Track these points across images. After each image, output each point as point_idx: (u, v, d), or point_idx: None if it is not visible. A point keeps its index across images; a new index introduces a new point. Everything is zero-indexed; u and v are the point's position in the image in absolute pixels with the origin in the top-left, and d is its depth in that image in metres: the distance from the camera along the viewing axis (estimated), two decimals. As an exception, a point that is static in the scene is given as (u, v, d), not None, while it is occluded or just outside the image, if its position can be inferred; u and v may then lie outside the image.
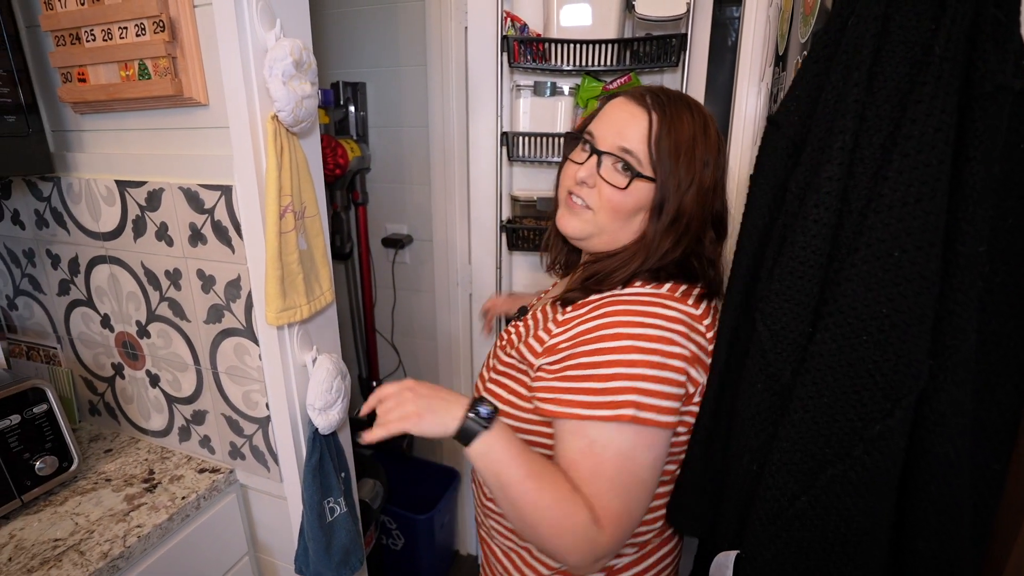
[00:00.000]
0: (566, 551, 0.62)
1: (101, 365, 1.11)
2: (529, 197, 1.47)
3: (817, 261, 0.57)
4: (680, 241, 0.69)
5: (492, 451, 0.62)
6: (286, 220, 0.78)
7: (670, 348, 0.64)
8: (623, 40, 1.27)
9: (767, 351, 0.60)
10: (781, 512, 0.61)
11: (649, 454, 0.64)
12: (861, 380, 0.55)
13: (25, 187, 1.03)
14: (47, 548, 0.84)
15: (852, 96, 0.54)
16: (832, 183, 0.55)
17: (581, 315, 0.67)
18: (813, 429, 0.58)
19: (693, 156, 0.67)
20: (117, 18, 0.78)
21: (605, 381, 0.62)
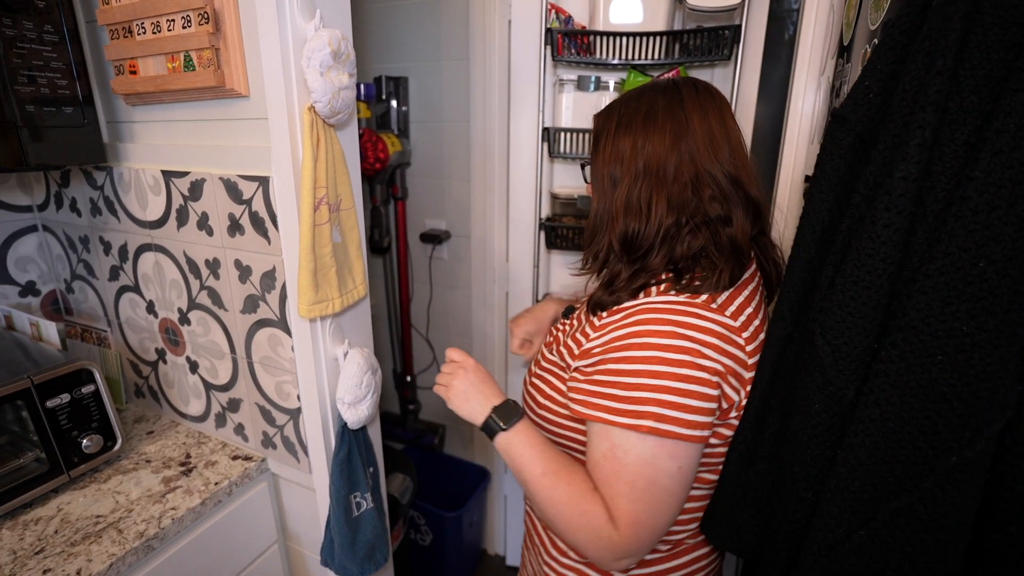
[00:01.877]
0: (582, 546, 0.66)
1: (146, 349, 1.15)
2: (569, 195, 1.43)
3: (886, 270, 0.51)
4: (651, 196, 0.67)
5: (510, 448, 0.70)
6: (320, 212, 0.77)
7: (700, 361, 0.62)
8: (672, 32, 1.21)
9: (827, 368, 0.55)
10: (837, 545, 0.56)
11: (671, 463, 0.63)
12: (934, 405, 0.49)
13: (82, 176, 1.07)
14: (89, 523, 0.86)
15: (934, 87, 0.48)
16: (907, 184, 0.49)
17: (615, 321, 0.66)
18: (876, 456, 0.52)
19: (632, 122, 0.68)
20: (166, 10, 0.79)
21: (628, 390, 0.62)
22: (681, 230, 0.67)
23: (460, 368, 0.76)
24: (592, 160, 0.73)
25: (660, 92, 0.70)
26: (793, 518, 0.61)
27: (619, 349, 0.64)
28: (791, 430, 0.60)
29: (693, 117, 0.67)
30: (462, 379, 0.76)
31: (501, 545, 1.99)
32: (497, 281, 1.69)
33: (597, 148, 0.72)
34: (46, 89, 0.85)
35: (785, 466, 0.62)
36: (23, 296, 1.19)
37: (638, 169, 0.68)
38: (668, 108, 0.68)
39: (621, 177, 0.69)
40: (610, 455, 0.64)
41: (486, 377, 0.78)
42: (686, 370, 0.61)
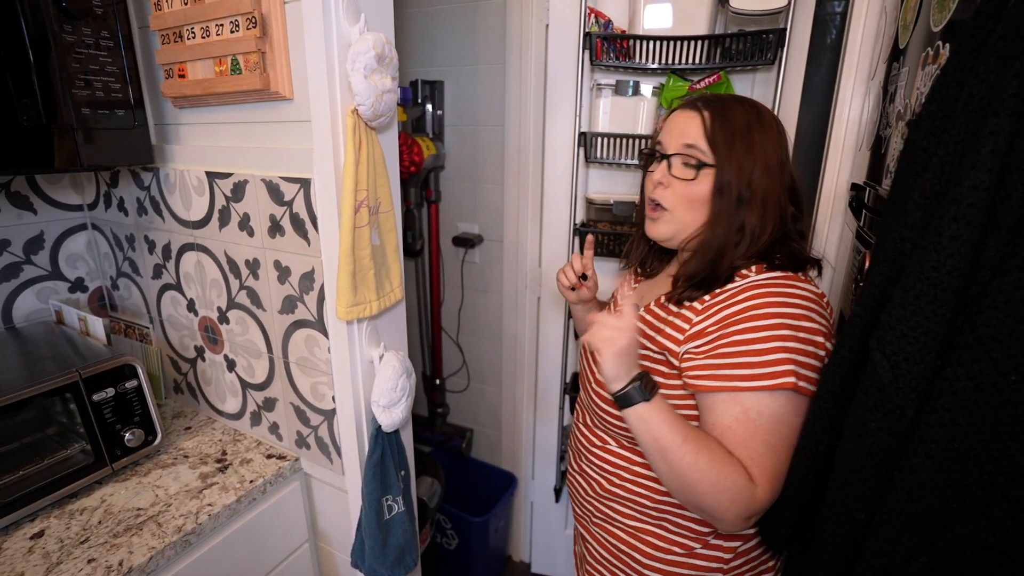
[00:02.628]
0: (725, 507, 0.68)
1: (186, 347, 1.17)
2: (605, 200, 1.41)
3: (952, 284, 0.49)
4: (766, 219, 0.74)
5: (651, 418, 0.69)
6: (361, 215, 0.77)
7: (810, 324, 0.69)
8: (713, 36, 1.19)
9: (886, 385, 0.52)
10: (893, 570, 0.53)
11: (797, 420, 0.69)
12: (1008, 427, 0.46)
13: (130, 176, 1.10)
14: (131, 516, 0.88)
15: (1010, 90, 0.45)
16: (978, 193, 0.47)
17: (723, 300, 0.72)
18: (939, 479, 0.49)
19: (751, 140, 0.73)
20: (215, 15, 0.81)
21: (763, 355, 0.67)
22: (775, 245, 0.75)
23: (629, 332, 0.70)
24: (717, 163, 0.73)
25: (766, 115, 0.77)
26: (845, 539, 0.58)
27: (740, 322, 0.69)
28: (843, 448, 0.58)
29: (786, 147, 0.77)
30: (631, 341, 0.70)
31: (526, 552, 1.97)
32: (529, 286, 1.68)
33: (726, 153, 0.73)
34: (100, 93, 0.88)
35: (835, 485, 0.59)
36: (72, 292, 1.23)
37: (762, 195, 0.74)
38: (777, 137, 0.76)
39: (749, 198, 0.73)
40: (743, 418, 0.68)
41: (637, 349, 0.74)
42: (803, 333, 0.68)
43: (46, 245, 1.17)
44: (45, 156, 0.84)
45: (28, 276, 1.15)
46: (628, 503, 0.83)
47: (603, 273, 1.57)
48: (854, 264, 0.93)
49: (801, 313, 0.69)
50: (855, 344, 0.60)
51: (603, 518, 0.87)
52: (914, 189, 0.55)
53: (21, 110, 0.78)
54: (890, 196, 0.61)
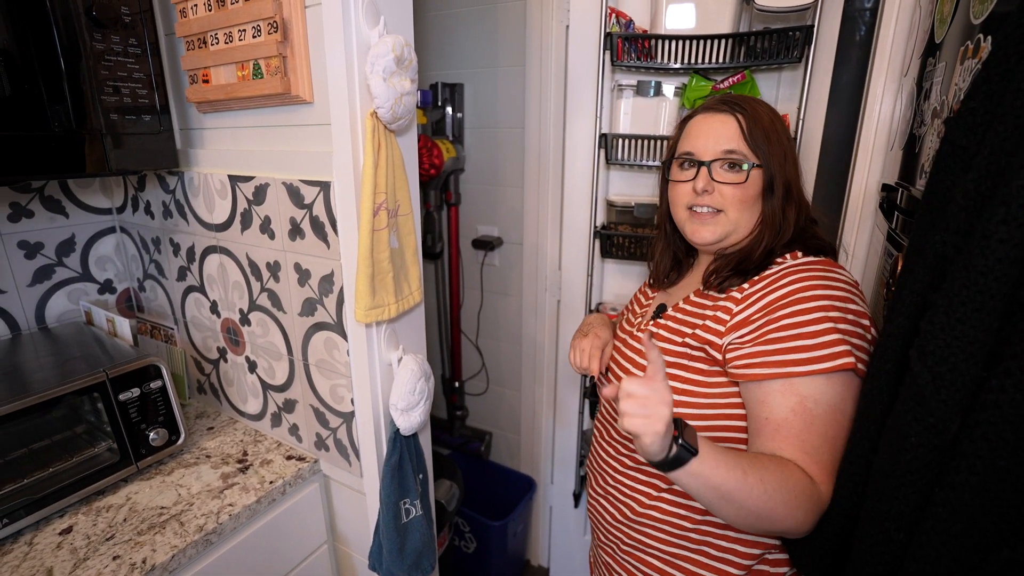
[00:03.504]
0: (801, 521, 0.63)
1: (209, 348, 1.19)
2: (626, 203, 1.39)
3: (1001, 290, 0.46)
4: (800, 209, 0.77)
5: (703, 470, 0.60)
6: (379, 217, 0.77)
7: (855, 306, 0.67)
8: (738, 35, 1.16)
9: (928, 398, 0.49)
10: (931, 593, 0.50)
11: (852, 406, 0.65)
12: (1058, 444, 0.43)
13: (156, 180, 1.12)
14: (154, 514, 0.90)
15: (1064, 83, 0.42)
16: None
17: (765, 287, 0.70)
18: (984, 497, 0.46)
19: (779, 134, 0.75)
20: (238, 21, 0.82)
21: (816, 337, 0.64)
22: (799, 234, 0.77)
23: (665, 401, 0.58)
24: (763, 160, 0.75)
25: (774, 111, 0.78)
26: (880, 560, 0.55)
27: (787, 305, 0.67)
28: (879, 464, 0.55)
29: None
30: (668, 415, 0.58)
31: (545, 557, 1.95)
32: (549, 289, 1.67)
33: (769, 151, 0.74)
34: (128, 99, 0.89)
35: (871, 502, 0.56)
36: (101, 293, 1.26)
37: (795, 187, 0.76)
38: (788, 132, 0.79)
39: (787, 193, 0.75)
40: (799, 408, 0.64)
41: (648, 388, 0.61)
42: (851, 315, 0.66)
43: (77, 248, 1.20)
44: (76, 161, 0.85)
45: (60, 278, 1.18)
46: (662, 528, 0.77)
47: (623, 276, 1.55)
48: (885, 267, 0.89)
49: (846, 295, 0.67)
50: (895, 355, 0.57)
51: (633, 546, 0.81)
52: (956, 190, 0.52)
53: (53, 116, 0.80)
54: (925, 197, 0.58)
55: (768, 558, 0.74)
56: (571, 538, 1.84)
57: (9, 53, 0.75)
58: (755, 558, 0.74)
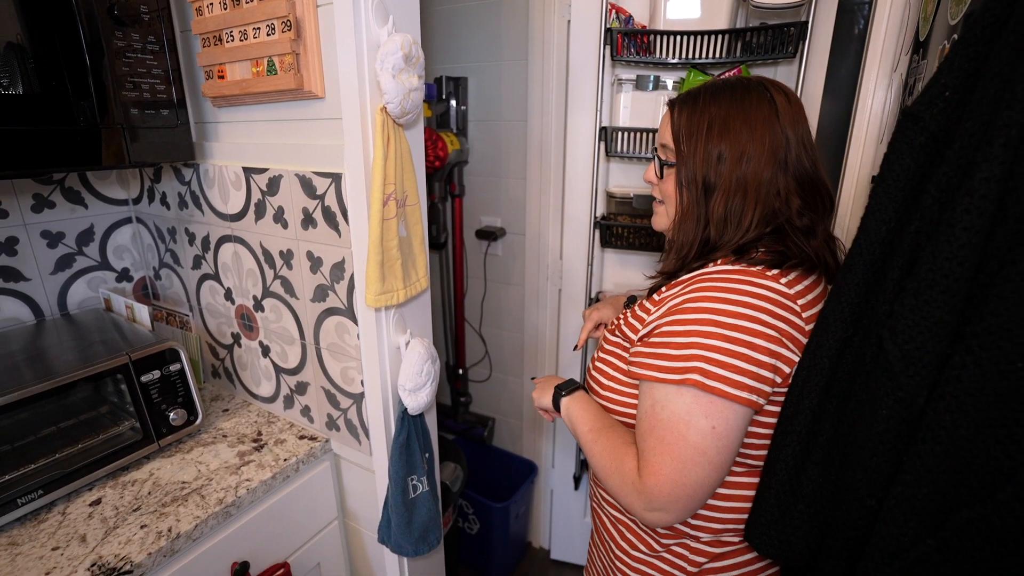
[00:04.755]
0: (615, 492, 0.72)
1: (223, 334, 1.24)
2: (625, 194, 1.43)
3: (963, 274, 0.50)
4: (744, 208, 0.70)
5: (568, 410, 0.83)
6: (389, 207, 0.81)
7: (751, 325, 0.64)
8: (734, 30, 1.19)
9: (897, 374, 0.54)
10: (900, 553, 0.54)
11: (705, 422, 0.64)
12: (1013, 413, 0.47)
13: (172, 172, 1.16)
14: (176, 488, 0.95)
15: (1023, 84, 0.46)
16: (990, 185, 0.48)
17: (673, 293, 0.71)
18: (946, 464, 0.51)
19: (726, 128, 0.70)
20: (253, 19, 0.86)
21: (679, 348, 0.66)
22: (764, 237, 0.71)
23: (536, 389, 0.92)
24: (679, 158, 0.73)
25: (753, 97, 0.70)
26: (854, 525, 0.60)
27: (674, 313, 0.68)
28: (853, 436, 0.59)
29: (788, 129, 0.70)
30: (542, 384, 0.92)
31: (546, 538, 2.01)
32: (550, 278, 1.71)
33: (688, 147, 0.72)
34: (147, 94, 0.93)
35: (845, 472, 0.61)
36: (119, 281, 1.31)
37: (736, 181, 0.70)
38: (766, 120, 0.69)
39: (716, 185, 0.70)
40: (650, 411, 0.68)
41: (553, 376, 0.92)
42: (738, 333, 0.63)
43: (95, 237, 1.25)
44: (99, 154, 0.89)
45: (80, 266, 1.23)
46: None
47: (622, 265, 1.59)
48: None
49: (743, 312, 0.63)
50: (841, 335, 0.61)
51: (598, 504, 0.90)
52: (930, 182, 0.56)
53: (78, 112, 0.84)
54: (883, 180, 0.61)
55: (687, 544, 0.77)
56: (571, 520, 1.90)
57: (38, 52, 0.79)
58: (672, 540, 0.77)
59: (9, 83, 0.77)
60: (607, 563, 0.88)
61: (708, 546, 0.77)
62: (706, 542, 0.77)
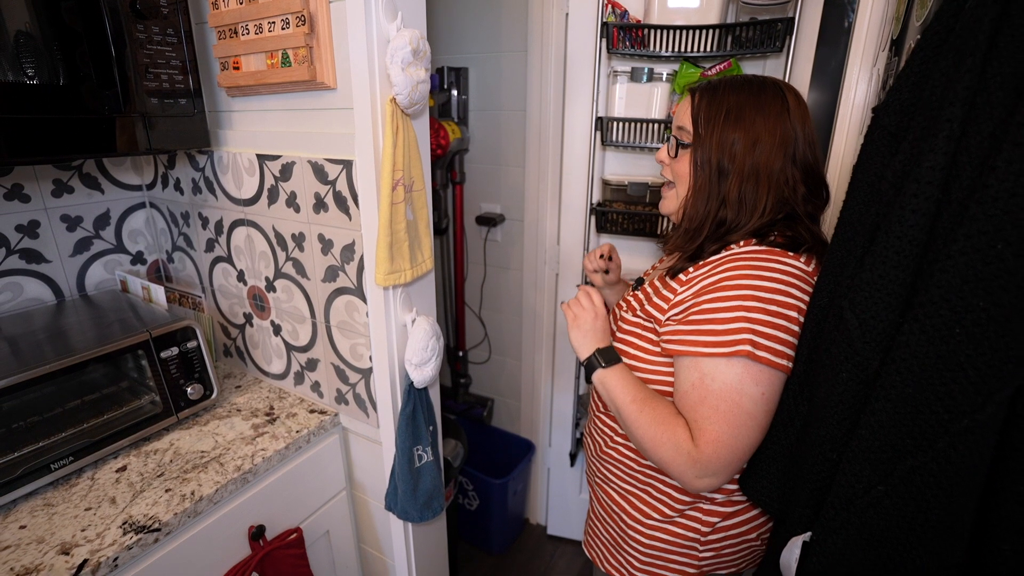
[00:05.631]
0: (667, 461, 0.75)
1: (235, 314, 1.30)
2: (620, 181, 1.49)
3: (912, 251, 0.57)
4: (758, 193, 0.76)
5: (606, 382, 0.82)
6: (397, 192, 0.87)
7: (784, 299, 0.71)
8: (725, 25, 1.25)
9: (855, 340, 0.60)
10: (855, 499, 0.61)
11: (755, 389, 0.71)
12: (951, 373, 0.54)
13: (186, 159, 1.22)
14: (196, 457, 1.01)
15: (963, 83, 0.52)
16: (935, 172, 0.54)
17: (703, 273, 0.76)
18: (895, 419, 0.57)
19: (741, 115, 0.76)
20: (268, 14, 0.91)
21: (725, 324, 0.71)
22: (777, 223, 0.78)
23: (593, 310, 0.87)
24: (695, 140, 0.79)
25: (768, 93, 0.77)
26: (818, 477, 0.67)
27: (712, 291, 0.73)
28: (818, 397, 0.66)
29: (797, 125, 0.77)
30: (590, 320, 0.87)
31: (543, 515, 2.09)
32: (548, 263, 1.77)
33: (706, 130, 0.77)
34: (166, 84, 0.98)
35: (811, 430, 0.68)
36: (133, 264, 1.37)
37: (749, 168, 0.76)
38: (778, 114, 0.76)
39: (731, 171, 0.76)
40: (698, 383, 0.73)
41: (605, 326, 0.88)
42: (774, 306, 0.70)
43: (111, 221, 1.30)
44: (122, 141, 0.95)
45: (97, 249, 1.28)
46: (620, 465, 0.90)
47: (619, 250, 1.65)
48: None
49: (776, 287, 0.71)
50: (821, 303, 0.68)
51: (602, 479, 0.95)
52: (887, 170, 0.63)
53: (103, 101, 0.90)
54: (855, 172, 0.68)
55: (702, 507, 0.84)
56: (568, 497, 1.98)
57: (66, 45, 0.84)
58: (687, 504, 0.85)
59: (39, 74, 0.82)
60: (617, 534, 0.93)
61: (721, 506, 0.84)
62: (720, 503, 0.84)
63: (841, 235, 0.69)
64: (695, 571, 0.87)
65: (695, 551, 0.86)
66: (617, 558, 0.94)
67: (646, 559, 0.89)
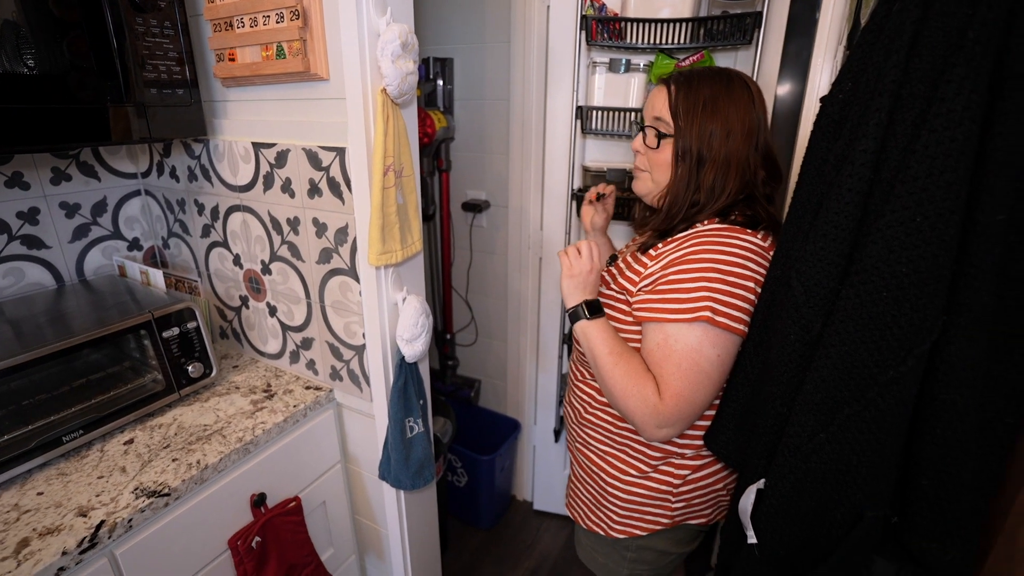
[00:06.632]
0: (631, 411, 0.83)
1: (231, 297, 1.35)
2: (600, 168, 1.55)
3: (848, 225, 0.64)
4: (727, 179, 0.84)
5: (588, 332, 0.88)
6: (388, 177, 0.93)
7: (742, 271, 0.79)
8: (697, 19, 1.31)
9: (800, 305, 0.68)
10: (801, 446, 0.70)
11: (712, 351, 0.80)
12: (880, 331, 0.62)
13: (182, 147, 1.26)
14: (199, 430, 1.07)
15: (890, 77, 0.60)
16: (866, 155, 0.62)
17: (670, 248, 0.84)
18: (834, 374, 0.65)
19: (715, 107, 0.83)
20: (263, 8, 0.95)
21: (689, 292, 0.79)
22: (738, 203, 0.86)
23: (591, 262, 0.91)
24: (676, 131, 0.85)
25: (736, 85, 0.85)
26: (770, 429, 0.75)
27: (678, 263, 0.81)
28: (770, 357, 0.74)
29: (760, 115, 0.86)
30: (585, 271, 0.91)
31: (529, 491, 2.18)
32: (532, 247, 1.84)
33: (685, 121, 0.84)
34: (164, 75, 1.03)
35: (763, 387, 0.76)
36: (130, 250, 1.41)
37: (723, 156, 0.84)
38: (747, 105, 0.84)
39: (707, 159, 0.84)
40: (663, 344, 0.81)
41: (597, 280, 0.93)
42: (734, 278, 0.78)
43: (108, 208, 1.34)
44: (122, 130, 0.99)
45: (95, 236, 1.32)
46: (598, 429, 0.98)
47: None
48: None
49: (735, 260, 0.79)
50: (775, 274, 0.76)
51: (582, 442, 1.03)
52: (830, 152, 0.70)
53: (105, 91, 0.94)
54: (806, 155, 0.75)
55: (673, 462, 0.93)
56: (552, 472, 2.06)
57: (70, 37, 0.88)
58: (660, 459, 0.93)
59: (41, 65, 0.86)
60: (596, 493, 1.01)
61: (692, 460, 0.93)
62: (690, 457, 0.93)
63: (793, 213, 0.76)
64: (669, 521, 0.95)
65: (668, 502, 0.94)
66: (598, 514, 1.02)
67: (624, 513, 0.97)
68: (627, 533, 0.98)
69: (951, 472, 0.63)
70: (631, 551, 1.01)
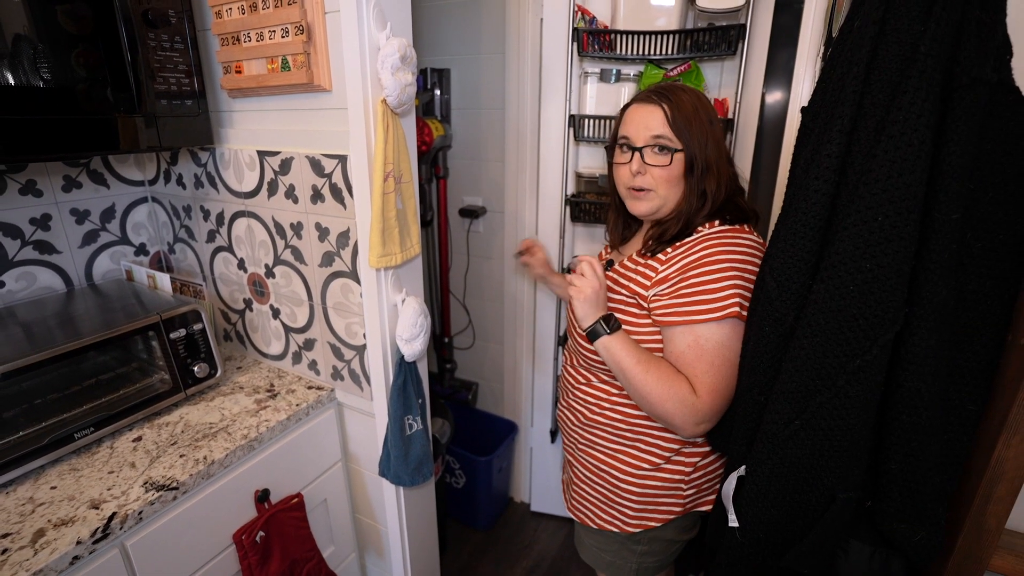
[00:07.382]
0: (672, 413, 0.86)
1: (235, 300, 1.39)
2: (592, 174, 1.60)
3: (816, 224, 0.69)
4: (720, 183, 0.91)
5: (611, 347, 0.90)
6: (388, 183, 0.98)
7: (751, 267, 0.86)
8: (684, 31, 1.37)
9: (774, 300, 0.73)
10: (778, 433, 0.74)
11: (738, 343, 0.86)
12: (847, 323, 0.66)
13: (188, 156, 1.30)
14: (205, 428, 1.11)
15: (851, 87, 0.65)
16: (831, 159, 0.67)
17: (681, 253, 0.89)
18: (807, 364, 0.70)
19: (700, 120, 0.90)
20: (269, 24, 1.00)
21: (715, 293, 0.84)
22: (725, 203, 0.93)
23: (596, 280, 0.92)
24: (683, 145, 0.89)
25: (702, 96, 0.93)
26: (750, 418, 0.80)
27: (697, 267, 0.86)
28: (748, 350, 0.78)
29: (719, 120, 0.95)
30: (593, 290, 0.91)
31: (526, 493, 2.21)
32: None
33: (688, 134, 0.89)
34: (174, 86, 1.07)
35: (743, 377, 0.80)
36: (136, 255, 1.45)
37: (718, 162, 0.91)
38: (715, 114, 0.92)
39: (710, 165, 0.90)
40: (694, 344, 0.85)
41: (605, 294, 0.95)
42: (747, 273, 0.85)
43: (116, 215, 1.38)
44: (134, 139, 1.04)
45: (104, 241, 1.36)
46: (607, 428, 1.01)
47: (590, 238, 1.78)
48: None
49: (746, 258, 0.86)
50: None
51: (587, 444, 1.06)
52: (800, 157, 0.75)
53: (119, 102, 0.99)
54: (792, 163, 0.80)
55: (684, 451, 0.97)
56: (549, 473, 2.10)
57: (86, 52, 0.93)
58: (673, 451, 0.97)
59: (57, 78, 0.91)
60: (608, 492, 1.04)
61: (701, 447, 0.97)
62: (700, 444, 0.97)
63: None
64: (681, 508, 1.00)
65: (680, 491, 0.98)
66: (610, 512, 1.05)
67: (639, 506, 1.01)
68: (642, 526, 1.02)
69: (917, 456, 0.67)
70: (643, 544, 1.05)
